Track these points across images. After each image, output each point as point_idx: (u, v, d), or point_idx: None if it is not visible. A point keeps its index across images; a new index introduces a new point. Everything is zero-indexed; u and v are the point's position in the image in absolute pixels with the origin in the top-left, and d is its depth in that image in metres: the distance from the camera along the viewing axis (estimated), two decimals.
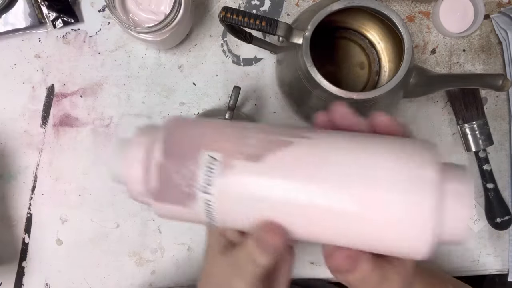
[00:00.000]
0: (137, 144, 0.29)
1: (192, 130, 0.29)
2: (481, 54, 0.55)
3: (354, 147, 0.26)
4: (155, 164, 0.27)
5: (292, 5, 0.55)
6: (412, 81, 0.43)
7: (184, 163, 0.27)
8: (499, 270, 0.57)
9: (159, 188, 0.27)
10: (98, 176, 0.55)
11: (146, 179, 0.28)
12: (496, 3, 0.55)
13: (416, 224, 0.24)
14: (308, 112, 0.49)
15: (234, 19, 0.39)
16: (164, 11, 0.48)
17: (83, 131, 0.55)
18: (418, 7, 0.55)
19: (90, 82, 0.55)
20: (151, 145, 0.28)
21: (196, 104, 0.55)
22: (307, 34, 0.40)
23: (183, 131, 0.28)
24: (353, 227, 0.25)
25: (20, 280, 0.55)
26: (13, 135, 0.55)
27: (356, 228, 0.25)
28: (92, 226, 0.55)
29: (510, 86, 0.37)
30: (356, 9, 0.41)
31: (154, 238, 0.56)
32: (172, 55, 0.55)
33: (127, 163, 0.29)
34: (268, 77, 0.55)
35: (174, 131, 0.28)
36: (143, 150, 0.28)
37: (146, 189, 0.28)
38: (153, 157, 0.27)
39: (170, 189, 0.27)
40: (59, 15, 0.54)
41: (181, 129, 0.28)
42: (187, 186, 0.26)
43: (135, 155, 0.28)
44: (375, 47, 0.51)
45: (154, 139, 0.28)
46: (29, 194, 0.55)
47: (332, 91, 0.40)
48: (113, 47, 0.55)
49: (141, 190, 0.28)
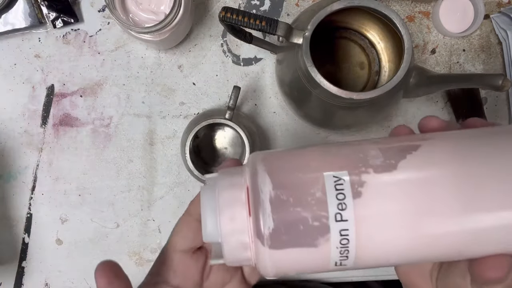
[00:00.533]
0: (231, 185, 0.23)
1: (292, 157, 0.24)
2: (481, 54, 0.55)
3: (492, 136, 0.24)
4: (267, 200, 0.22)
5: (292, 5, 0.55)
6: (412, 81, 0.43)
7: (306, 191, 0.22)
8: None
9: (276, 230, 0.22)
10: (98, 176, 0.55)
11: (256, 223, 0.22)
12: (496, 3, 0.55)
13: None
14: (308, 112, 0.49)
15: (234, 19, 0.39)
16: (164, 11, 0.48)
17: (83, 131, 0.55)
18: (418, 7, 0.55)
19: (90, 82, 0.55)
20: (252, 181, 0.23)
21: (196, 104, 0.55)
22: (307, 34, 0.40)
23: (283, 159, 0.24)
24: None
25: (20, 280, 0.55)
26: (13, 135, 0.55)
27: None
28: (92, 226, 0.55)
29: (510, 86, 0.37)
30: (356, 9, 0.41)
31: (154, 238, 0.56)
32: (172, 55, 0.55)
33: (225, 210, 0.23)
34: (268, 77, 0.55)
35: (273, 163, 0.23)
36: (241, 188, 0.23)
37: (257, 236, 0.22)
38: (261, 192, 0.22)
39: (292, 227, 0.22)
40: (59, 15, 0.54)
41: (280, 159, 0.24)
42: (316, 218, 0.22)
43: (234, 196, 0.23)
44: (375, 47, 0.51)
45: (254, 171, 0.23)
46: (29, 194, 0.55)
47: (332, 91, 0.40)
48: (113, 47, 0.55)
49: (247, 242, 0.23)
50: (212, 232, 0.23)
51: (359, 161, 0.23)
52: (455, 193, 0.22)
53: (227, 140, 0.54)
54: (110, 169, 0.55)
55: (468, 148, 0.23)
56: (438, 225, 0.22)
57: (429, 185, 0.22)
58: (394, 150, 0.23)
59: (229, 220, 0.23)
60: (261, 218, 0.22)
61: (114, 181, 0.55)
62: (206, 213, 0.24)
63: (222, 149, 0.54)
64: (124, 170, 0.55)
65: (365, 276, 0.56)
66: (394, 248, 0.23)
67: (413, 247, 0.23)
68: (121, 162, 0.55)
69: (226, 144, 0.54)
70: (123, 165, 0.55)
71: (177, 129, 0.55)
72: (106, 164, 0.55)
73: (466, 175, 0.23)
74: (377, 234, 0.22)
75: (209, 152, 0.54)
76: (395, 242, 0.22)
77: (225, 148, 0.54)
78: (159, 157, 0.55)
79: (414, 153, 0.23)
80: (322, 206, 0.22)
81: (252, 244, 0.23)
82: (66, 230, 0.55)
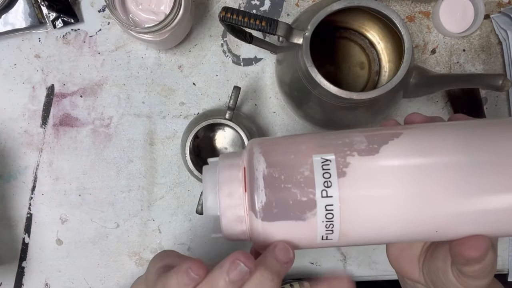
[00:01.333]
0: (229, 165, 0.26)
1: (285, 142, 0.27)
2: (481, 54, 0.55)
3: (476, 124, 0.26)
4: (261, 177, 0.25)
5: (292, 5, 0.55)
6: (412, 81, 0.43)
7: (295, 170, 0.24)
8: (499, 270, 0.57)
9: (269, 204, 0.24)
10: (98, 176, 0.55)
11: (250, 198, 0.25)
12: (496, 3, 0.55)
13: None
14: (308, 112, 0.49)
15: (234, 19, 0.39)
16: (164, 11, 0.48)
17: (83, 131, 0.55)
18: (418, 7, 0.55)
19: (90, 82, 0.55)
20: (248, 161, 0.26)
21: (196, 104, 0.55)
22: (307, 34, 0.40)
23: (277, 143, 0.27)
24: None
25: (20, 280, 0.55)
26: (13, 135, 0.55)
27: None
28: (92, 226, 0.55)
29: (510, 86, 0.37)
30: (356, 9, 0.41)
31: (154, 238, 0.56)
32: (172, 55, 0.55)
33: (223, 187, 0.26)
34: (268, 77, 0.55)
35: (268, 146, 0.26)
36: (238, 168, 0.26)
37: (251, 209, 0.25)
38: (256, 170, 0.25)
39: (283, 202, 0.24)
40: (59, 15, 0.54)
41: (274, 143, 0.27)
42: (304, 193, 0.24)
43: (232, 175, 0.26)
44: (375, 47, 0.51)
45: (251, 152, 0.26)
46: (29, 194, 0.55)
47: (332, 91, 0.40)
48: (113, 47, 0.55)
49: (242, 215, 0.25)
50: (212, 206, 0.26)
51: (345, 146, 0.25)
52: (434, 176, 0.24)
53: (227, 140, 0.54)
54: (110, 169, 0.55)
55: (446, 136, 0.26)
56: (414, 205, 0.24)
57: (409, 168, 0.25)
58: (378, 137, 0.26)
59: (227, 196, 0.25)
60: (255, 192, 0.25)
61: (114, 181, 0.55)
62: (207, 189, 0.26)
63: (222, 149, 0.54)
64: (124, 170, 0.55)
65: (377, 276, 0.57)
66: (375, 225, 0.25)
67: (391, 226, 0.25)
68: (121, 162, 0.55)
69: (226, 144, 0.54)
70: (123, 165, 0.55)
71: (177, 129, 0.55)
72: (106, 164, 0.55)
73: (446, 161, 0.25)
74: (359, 210, 0.24)
75: (209, 152, 0.54)
76: (376, 219, 0.25)
77: (225, 148, 0.54)
78: (159, 157, 0.55)
79: (396, 140, 0.25)
80: (310, 184, 0.24)
81: (247, 217, 0.25)
82: (66, 230, 0.55)
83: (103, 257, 0.56)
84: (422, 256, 0.32)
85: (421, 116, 0.30)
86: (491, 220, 0.25)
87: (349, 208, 0.24)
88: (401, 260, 0.34)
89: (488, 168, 0.24)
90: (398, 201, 0.24)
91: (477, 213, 0.24)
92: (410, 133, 0.26)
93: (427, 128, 0.27)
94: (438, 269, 0.30)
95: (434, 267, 0.30)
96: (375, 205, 0.24)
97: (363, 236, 0.25)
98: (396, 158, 0.25)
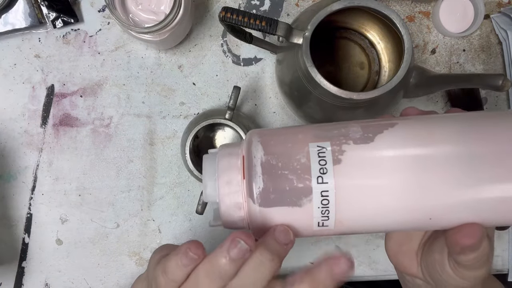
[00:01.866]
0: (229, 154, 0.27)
1: (283, 132, 0.28)
2: (481, 54, 0.55)
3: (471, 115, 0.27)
4: (258, 164, 0.25)
5: (292, 5, 0.55)
6: (412, 81, 0.43)
7: (292, 158, 0.25)
8: (499, 270, 0.57)
9: (266, 190, 0.25)
10: (98, 176, 0.55)
11: (248, 184, 0.25)
12: (496, 3, 0.55)
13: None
14: (308, 112, 0.49)
15: (234, 19, 0.39)
16: (164, 11, 0.48)
17: (83, 131, 0.55)
18: (418, 7, 0.55)
19: (90, 82, 0.55)
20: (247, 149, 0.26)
21: (196, 104, 0.55)
22: (307, 34, 0.40)
23: (275, 133, 0.27)
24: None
25: (20, 280, 0.55)
26: (13, 135, 0.55)
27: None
28: (92, 226, 0.55)
29: (510, 86, 0.37)
30: (356, 9, 0.41)
31: (154, 238, 0.56)
32: (172, 55, 0.55)
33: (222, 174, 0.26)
34: (268, 77, 0.55)
35: (266, 136, 0.27)
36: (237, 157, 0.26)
37: (249, 195, 0.25)
38: (254, 157, 0.25)
39: (279, 188, 0.25)
40: (59, 15, 0.54)
41: (273, 133, 0.27)
42: (300, 180, 0.25)
43: (231, 163, 0.26)
44: (375, 47, 0.51)
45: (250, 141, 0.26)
46: (29, 194, 0.55)
47: (332, 91, 0.40)
48: (113, 47, 0.55)
49: (240, 201, 0.26)
50: (211, 193, 0.27)
51: (341, 135, 0.26)
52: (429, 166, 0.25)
53: (227, 140, 0.54)
54: (110, 169, 0.55)
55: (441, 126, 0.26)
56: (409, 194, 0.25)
57: (403, 157, 0.25)
58: (374, 127, 0.26)
59: (225, 183, 0.26)
60: (253, 179, 0.25)
61: (114, 181, 0.55)
62: (207, 177, 0.27)
63: None
64: (124, 170, 0.55)
65: (377, 276, 0.57)
66: (369, 212, 0.25)
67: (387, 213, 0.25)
68: (121, 162, 0.55)
69: None
70: (123, 165, 0.55)
71: (177, 129, 0.55)
72: (106, 164, 0.55)
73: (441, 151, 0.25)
74: (354, 197, 0.25)
75: None
76: (371, 206, 0.25)
77: None
78: (159, 157, 0.55)
79: (391, 129, 0.26)
80: (306, 170, 0.25)
81: (245, 203, 0.26)
82: (66, 230, 0.55)
83: (103, 257, 0.56)
84: (420, 250, 0.33)
85: (417, 110, 0.31)
86: (486, 209, 0.25)
87: (344, 194, 0.25)
88: (399, 255, 0.34)
89: (483, 158, 0.25)
90: (392, 189, 0.25)
91: (472, 202, 0.25)
92: (405, 123, 0.27)
93: (422, 118, 0.28)
94: (435, 261, 0.30)
95: (432, 260, 0.30)
96: (370, 192, 0.25)
97: (358, 223, 0.26)
98: (390, 147, 0.25)
